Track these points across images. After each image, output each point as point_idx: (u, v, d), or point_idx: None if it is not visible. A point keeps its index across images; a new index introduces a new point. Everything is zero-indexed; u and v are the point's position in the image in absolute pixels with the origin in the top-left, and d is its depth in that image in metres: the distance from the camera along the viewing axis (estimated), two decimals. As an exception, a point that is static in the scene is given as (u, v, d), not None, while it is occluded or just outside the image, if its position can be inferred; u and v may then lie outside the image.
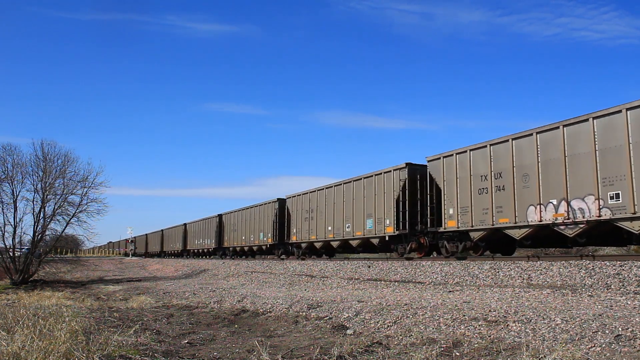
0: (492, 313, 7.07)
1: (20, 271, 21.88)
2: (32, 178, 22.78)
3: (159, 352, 6.36)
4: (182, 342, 7.30)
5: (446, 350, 5.79)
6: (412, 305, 8.39)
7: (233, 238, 33.48)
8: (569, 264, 11.15)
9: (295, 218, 26.02)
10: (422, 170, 18.02)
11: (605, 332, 5.49)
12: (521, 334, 5.99)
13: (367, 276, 15.59)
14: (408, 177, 18.00)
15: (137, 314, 10.61)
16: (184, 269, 30.53)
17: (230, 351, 6.55)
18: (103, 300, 14.70)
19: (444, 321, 7.04)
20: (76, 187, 23.42)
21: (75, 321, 7.59)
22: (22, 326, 6.73)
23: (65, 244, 35.92)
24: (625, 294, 8.44)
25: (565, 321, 6.10)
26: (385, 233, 18.88)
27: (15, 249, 22.83)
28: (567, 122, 12.91)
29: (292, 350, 6.35)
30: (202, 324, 9.34)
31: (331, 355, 5.86)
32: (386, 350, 6.09)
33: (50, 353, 5.32)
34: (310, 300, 10.36)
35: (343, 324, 7.98)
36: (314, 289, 13.94)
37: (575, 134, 12.81)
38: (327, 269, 18.20)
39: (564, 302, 7.84)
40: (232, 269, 24.08)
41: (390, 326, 7.34)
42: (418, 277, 13.90)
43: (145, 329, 8.32)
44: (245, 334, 7.98)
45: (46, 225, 22.90)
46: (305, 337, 7.39)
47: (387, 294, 10.90)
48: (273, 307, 10.27)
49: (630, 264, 10.02)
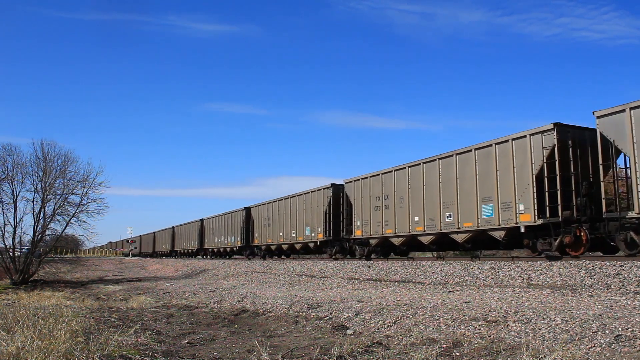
0: (492, 313, 7.07)
1: (20, 271, 21.88)
2: (32, 178, 22.83)
3: (159, 352, 6.36)
4: (182, 342, 7.30)
5: (446, 350, 5.79)
6: (412, 305, 8.39)
7: (266, 234, 29.16)
8: (569, 264, 11.15)
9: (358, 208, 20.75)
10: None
11: (605, 332, 5.49)
12: (521, 334, 5.99)
13: (367, 276, 15.58)
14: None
15: (137, 314, 10.60)
16: (184, 269, 30.54)
17: (230, 351, 6.55)
18: (103, 300, 14.70)
19: (444, 321, 7.04)
20: (76, 187, 23.46)
21: (75, 321, 7.59)
22: (22, 326, 6.73)
23: (65, 244, 35.95)
24: (625, 294, 8.44)
25: (565, 321, 6.10)
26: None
27: (15, 249, 22.83)
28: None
29: (292, 350, 6.35)
30: (202, 324, 9.34)
31: (331, 355, 5.86)
32: (386, 350, 6.09)
33: (50, 353, 5.32)
34: (310, 300, 10.35)
35: (343, 324, 7.98)
36: (314, 289, 13.94)
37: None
38: (327, 269, 18.19)
39: (564, 302, 7.84)
40: (232, 269, 24.09)
41: (390, 326, 7.34)
42: (418, 277, 13.90)
43: (145, 329, 8.32)
44: (245, 334, 7.98)
45: (46, 225, 22.92)
46: (305, 337, 7.39)
47: (387, 294, 10.90)
48: (273, 307, 10.27)
49: (630, 264, 10.02)
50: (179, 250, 48.54)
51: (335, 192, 22.55)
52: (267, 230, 28.82)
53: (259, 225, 30.12)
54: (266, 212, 29.16)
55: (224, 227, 35.68)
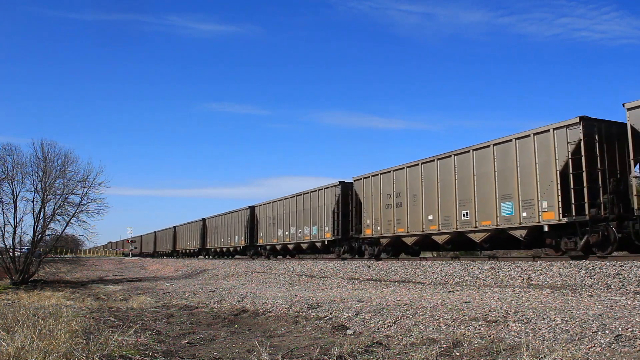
0: (492, 313, 7.07)
1: (20, 271, 21.87)
2: (32, 178, 22.82)
3: (159, 352, 6.35)
4: (182, 342, 7.30)
5: (446, 350, 5.79)
6: (412, 305, 8.39)
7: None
8: (569, 264, 11.15)
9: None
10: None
11: (605, 332, 5.49)
12: (521, 334, 5.99)
13: (367, 276, 15.58)
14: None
15: (137, 314, 10.61)
16: (184, 269, 30.55)
17: (230, 351, 6.55)
18: (103, 300, 14.70)
19: (444, 321, 7.04)
20: (76, 187, 23.46)
21: (75, 321, 7.60)
22: (22, 326, 6.73)
23: (65, 244, 35.89)
24: (625, 294, 8.44)
25: (565, 321, 6.10)
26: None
27: (15, 249, 22.83)
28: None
29: (292, 350, 6.35)
30: (202, 324, 9.34)
31: (331, 355, 5.86)
32: (386, 350, 6.09)
33: (50, 353, 5.32)
34: (310, 300, 10.35)
35: (343, 324, 7.98)
36: (314, 289, 13.94)
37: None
38: (327, 269, 18.19)
39: (564, 302, 7.84)
40: (232, 269, 24.09)
41: (390, 326, 7.34)
42: (418, 277, 13.90)
43: (145, 329, 8.32)
44: (245, 334, 7.98)
45: (46, 225, 22.91)
46: (305, 337, 7.39)
47: (387, 294, 10.90)
48: (273, 307, 10.27)
49: (630, 264, 10.02)
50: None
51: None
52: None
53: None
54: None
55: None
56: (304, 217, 24.82)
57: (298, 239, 25.22)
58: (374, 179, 19.58)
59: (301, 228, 25.00)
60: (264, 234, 29.52)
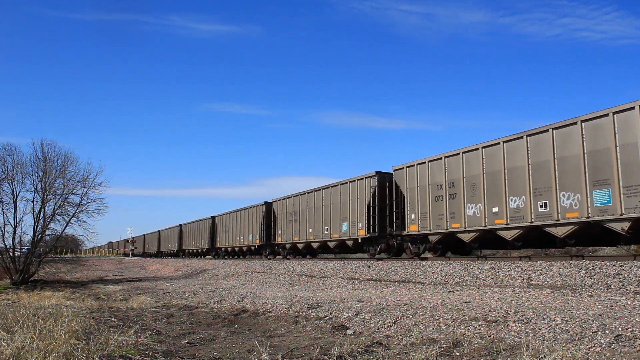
0: (492, 313, 7.07)
1: (20, 271, 21.88)
2: (32, 178, 22.83)
3: (159, 352, 6.35)
4: (182, 342, 7.30)
5: (446, 350, 5.79)
6: (412, 305, 8.39)
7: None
8: (569, 264, 11.15)
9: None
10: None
11: (605, 332, 5.49)
12: (521, 334, 5.99)
13: (367, 276, 15.58)
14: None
15: (137, 314, 10.61)
16: (184, 269, 30.54)
17: (230, 351, 6.55)
18: (103, 300, 14.70)
19: (444, 321, 7.04)
20: (76, 187, 23.48)
21: (75, 321, 7.59)
22: (22, 326, 6.74)
23: (65, 244, 35.94)
24: (625, 294, 8.44)
25: (565, 321, 6.10)
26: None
27: (15, 249, 22.84)
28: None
29: (292, 350, 6.35)
30: (202, 324, 9.34)
31: (331, 355, 5.86)
32: (386, 350, 6.09)
33: (50, 353, 5.32)
34: (310, 300, 10.35)
35: (343, 324, 7.98)
36: (314, 289, 13.93)
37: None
38: (327, 269, 18.18)
39: (564, 302, 7.84)
40: (232, 269, 24.08)
41: (390, 326, 7.34)
42: (418, 277, 13.89)
43: (145, 329, 8.32)
44: (245, 334, 7.98)
45: (46, 225, 22.92)
46: (305, 337, 7.38)
47: (387, 294, 10.89)
48: (273, 307, 10.27)
49: (630, 264, 10.02)
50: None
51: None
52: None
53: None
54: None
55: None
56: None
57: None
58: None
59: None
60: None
